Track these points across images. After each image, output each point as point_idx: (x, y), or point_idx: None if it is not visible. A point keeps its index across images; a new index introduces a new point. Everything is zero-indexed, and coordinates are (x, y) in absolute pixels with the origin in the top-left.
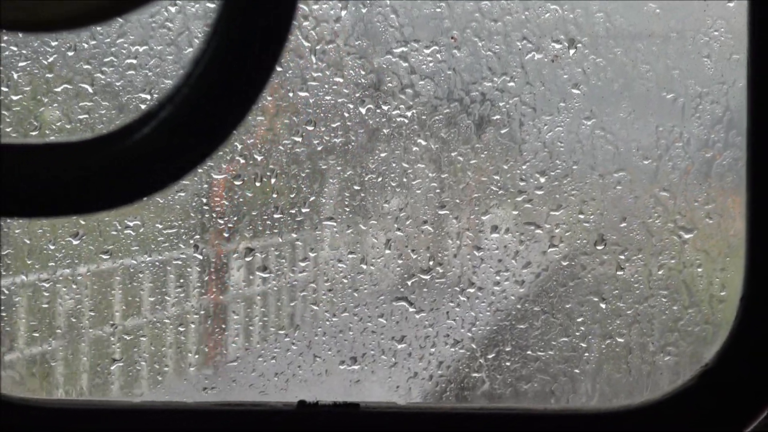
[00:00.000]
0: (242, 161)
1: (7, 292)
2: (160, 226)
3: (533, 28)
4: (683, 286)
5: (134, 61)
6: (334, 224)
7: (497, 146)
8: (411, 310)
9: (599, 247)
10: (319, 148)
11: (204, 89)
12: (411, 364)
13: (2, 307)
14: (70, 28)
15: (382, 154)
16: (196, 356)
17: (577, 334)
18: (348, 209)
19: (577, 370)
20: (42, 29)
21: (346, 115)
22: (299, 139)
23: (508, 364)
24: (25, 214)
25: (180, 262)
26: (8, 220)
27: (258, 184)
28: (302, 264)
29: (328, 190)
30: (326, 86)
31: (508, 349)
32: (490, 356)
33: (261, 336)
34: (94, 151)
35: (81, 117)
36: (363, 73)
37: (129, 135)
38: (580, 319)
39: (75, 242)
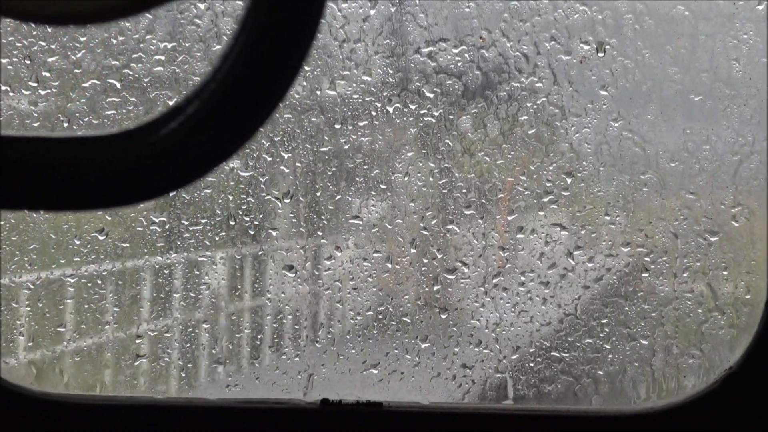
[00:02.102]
0: (269, 159)
1: (32, 286)
2: (186, 223)
3: (562, 29)
4: (708, 289)
5: (162, 58)
6: (360, 223)
7: (524, 147)
8: (435, 309)
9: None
10: (346, 147)
11: (231, 85)
12: (434, 364)
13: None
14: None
15: (409, 154)
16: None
17: (602, 335)
18: (373, 208)
19: (600, 372)
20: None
21: (374, 114)
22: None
23: (531, 364)
24: (51, 207)
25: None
26: (34, 215)
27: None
28: (327, 262)
29: (355, 188)
30: (354, 85)
31: (531, 350)
32: (513, 357)
33: (285, 334)
34: (121, 146)
35: (109, 113)
36: (391, 72)
37: (155, 130)
38: (604, 321)
39: (101, 238)
